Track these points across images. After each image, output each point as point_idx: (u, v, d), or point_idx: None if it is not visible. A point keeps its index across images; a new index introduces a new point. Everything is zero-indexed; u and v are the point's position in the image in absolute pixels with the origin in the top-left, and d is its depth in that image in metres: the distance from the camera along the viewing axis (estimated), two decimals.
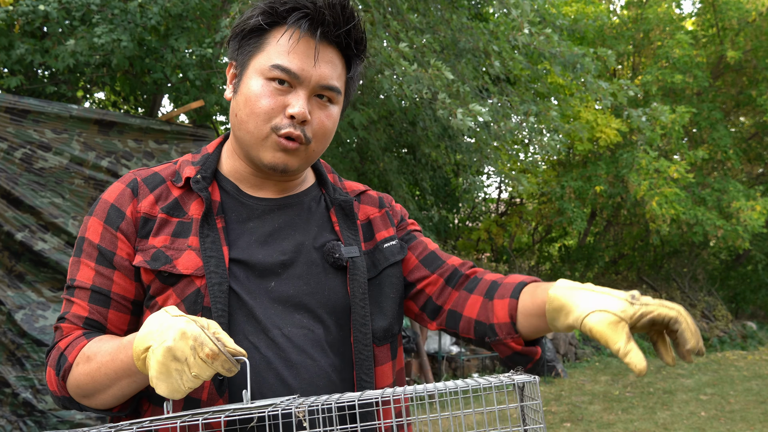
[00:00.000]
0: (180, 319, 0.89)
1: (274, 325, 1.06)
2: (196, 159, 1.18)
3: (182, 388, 0.87)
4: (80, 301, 1.08)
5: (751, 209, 9.71)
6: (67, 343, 1.06)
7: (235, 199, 1.15)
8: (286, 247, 1.12)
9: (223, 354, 0.86)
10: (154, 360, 0.86)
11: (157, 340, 0.87)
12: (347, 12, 1.08)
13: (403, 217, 1.31)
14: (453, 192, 11.46)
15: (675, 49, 10.20)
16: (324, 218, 1.19)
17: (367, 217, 1.24)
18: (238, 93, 1.11)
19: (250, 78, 1.09)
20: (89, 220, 1.12)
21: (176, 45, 4.99)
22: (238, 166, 1.17)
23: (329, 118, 1.12)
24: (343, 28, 1.08)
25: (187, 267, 1.05)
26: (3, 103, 3.82)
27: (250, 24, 1.09)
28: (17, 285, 3.89)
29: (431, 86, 4.87)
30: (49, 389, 1.09)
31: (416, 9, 6.17)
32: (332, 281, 1.13)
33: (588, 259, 12.54)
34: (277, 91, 1.07)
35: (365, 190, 1.30)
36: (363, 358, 1.11)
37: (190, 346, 0.85)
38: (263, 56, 1.08)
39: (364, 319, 1.12)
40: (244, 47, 1.11)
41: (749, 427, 5.85)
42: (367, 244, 1.20)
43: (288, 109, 1.07)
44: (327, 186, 1.23)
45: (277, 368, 1.04)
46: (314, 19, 1.06)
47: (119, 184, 1.13)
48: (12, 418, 3.79)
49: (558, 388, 7.37)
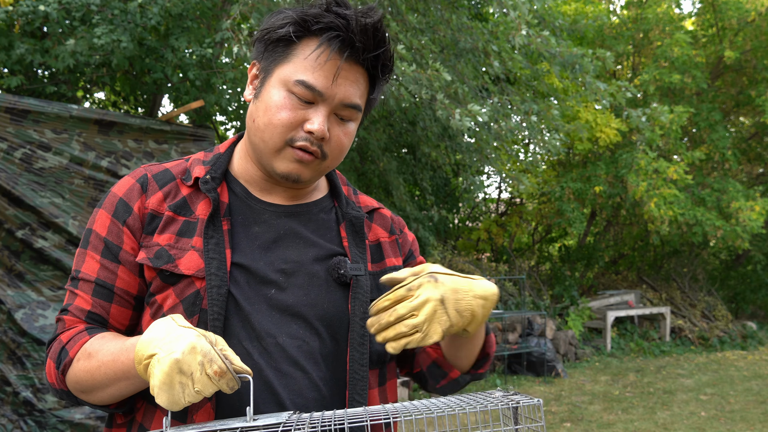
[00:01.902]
0: (190, 332, 0.88)
1: (268, 334, 1.05)
2: (208, 158, 1.17)
3: (182, 402, 0.86)
4: (83, 293, 1.08)
5: (751, 210, 9.71)
6: (69, 337, 1.05)
7: (243, 202, 1.14)
8: (290, 256, 1.11)
9: (230, 372, 0.86)
10: (159, 369, 0.85)
11: (164, 350, 0.86)
12: (378, 36, 1.06)
13: (413, 251, 1.29)
14: (453, 192, 11.46)
15: (674, 49, 10.20)
16: (333, 231, 1.18)
17: (377, 238, 1.22)
18: (259, 99, 1.10)
19: (273, 87, 1.08)
20: (98, 212, 1.12)
21: (176, 45, 4.99)
22: (250, 169, 1.16)
23: (347, 135, 1.12)
24: (372, 53, 1.07)
25: (189, 267, 1.05)
26: (3, 103, 3.82)
27: (280, 33, 1.07)
28: (17, 284, 3.89)
29: (429, 88, 4.87)
30: (48, 381, 1.08)
31: (416, 9, 6.17)
32: (333, 296, 1.11)
33: (588, 259, 12.54)
34: (299, 104, 1.06)
35: (379, 207, 1.28)
36: (358, 378, 1.09)
37: (198, 361, 0.85)
38: (289, 67, 1.07)
39: (363, 338, 1.10)
40: (270, 52, 1.10)
41: (749, 427, 5.85)
42: (375, 266, 1.18)
43: (307, 124, 1.06)
44: (340, 198, 1.22)
45: (267, 377, 1.03)
46: (345, 40, 1.05)
47: (129, 179, 1.13)
48: (13, 417, 3.79)
49: (558, 388, 7.37)
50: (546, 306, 10.11)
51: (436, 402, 0.89)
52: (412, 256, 1.29)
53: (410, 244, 1.29)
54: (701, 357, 9.88)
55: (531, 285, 11.07)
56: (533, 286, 11.15)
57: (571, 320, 9.77)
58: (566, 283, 11.30)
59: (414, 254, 1.29)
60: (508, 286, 10.22)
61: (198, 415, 1.00)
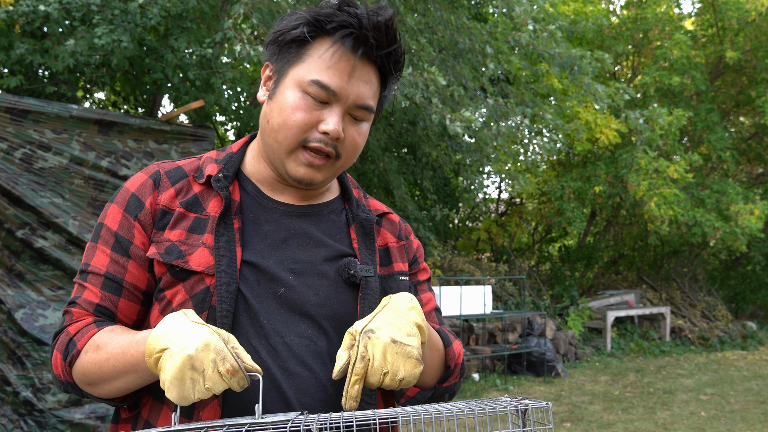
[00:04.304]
0: (204, 329, 0.88)
1: (276, 332, 1.05)
2: (220, 157, 1.18)
3: (192, 398, 0.86)
4: (92, 287, 1.09)
5: (750, 213, 9.72)
6: (77, 329, 1.06)
7: (254, 201, 1.15)
8: (300, 256, 1.11)
9: (242, 371, 0.86)
10: (171, 364, 0.85)
11: (177, 345, 0.86)
12: (391, 33, 1.07)
13: (417, 257, 1.30)
14: (453, 192, 11.47)
15: (673, 50, 10.21)
16: (343, 233, 1.18)
17: (385, 243, 1.23)
18: (273, 100, 1.10)
19: (288, 87, 1.08)
20: (109, 207, 1.12)
21: (176, 45, 4.99)
22: (262, 169, 1.17)
23: (360, 135, 1.13)
24: (385, 50, 1.08)
25: (199, 264, 1.05)
26: (3, 103, 3.82)
27: (293, 34, 1.08)
28: (17, 284, 3.89)
29: (425, 91, 4.88)
30: (54, 373, 1.09)
31: (415, 9, 6.17)
32: (342, 296, 1.11)
33: (588, 259, 12.55)
34: (313, 105, 1.07)
35: (387, 212, 1.29)
36: None
37: (211, 358, 0.85)
38: (303, 68, 1.07)
39: None
40: (284, 54, 1.10)
41: (749, 427, 5.85)
42: (383, 269, 1.19)
43: (322, 125, 1.07)
44: (351, 201, 1.22)
45: (273, 375, 1.04)
46: (358, 38, 1.05)
47: (142, 175, 1.14)
48: (13, 416, 3.79)
49: (558, 388, 7.38)
50: (546, 306, 10.12)
51: (445, 406, 0.88)
52: (416, 262, 1.29)
53: (415, 251, 1.30)
54: (701, 357, 9.88)
55: (531, 285, 11.08)
56: (533, 286, 11.16)
57: (571, 320, 9.77)
58: (566, 283, 11.30)
59: (418, 260, 1.30)
60: (508, 286, 10.22)
61: (205, 411, 1.01)
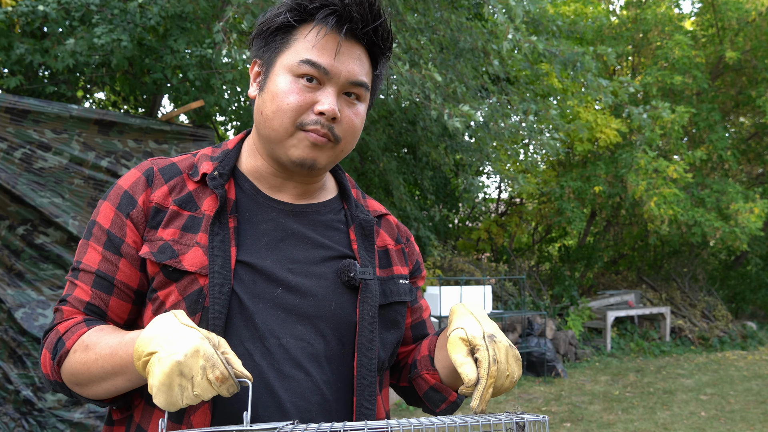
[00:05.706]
0: (194, 333, 0.86)
1: (272, 334, 1.03)
2: (216, 154, 1.15)
3: (180, 404, 0.84)
4: (83, 284, 1.07)
5: (749, 212, 9.71)
6: (67, 328, 1.04)
7: (251, 199, 1.12)
8: (297, 256, 1.09)
9: (231, 378, 0.84)
10: (159, 369, 0.83)
11: (166, 350, 0.84)
12: (374, 9, 1.06)
13: (419, 264, 1.29)
14: (453, 192, 11.47)
15: (675, 50, 10.20)
16: (342, 234, 1.16)
17: (384, 245, 1.21)
18: (265, 91, 1.08)
19: (278, 75, 1.06)
20: (102, 204, 1.10)
21: (175, 46, 4.99)
22: (259, 165, 1.14)
23: (357, 116, 1.10)
24: (371, 25, 1.06)
25: (193, 264, 1.02)
26: (3, 103, 3.83)
27: (277, 22, 1.07)
28: (17, 283, 3.90)
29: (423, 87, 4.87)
30: (43, 372, 1.06)
31: (415, 9, 6.17)
32: (341, 298, 1.09)
33: (588, 259, 12.54)
34: (306, 88, 1.05)
35: (386, 214, 1.27)
36: (366, 384, 1.07)
37: (200, 365, 0.83)
38: (290, 53, 1.06)
39: (371, 343, 1.08)
40: (270, 45, 1.09)
41: (749, 427, 5.85)
42: (382, 272, 1.17)
43: (317, 106, 1.04)
44: (349, 201, 1.20)
45: (268, 379, 1.01)
46: (342, 15, 1.04)
47: (135, 172, 1.12)
48: (15, 415, 3.80)
49: (558, 388, 7.38)
50: (546, 306, 10.11)
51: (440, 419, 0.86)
52: (419, 270, 1.28)
53: (417, 256, 1.29)
54: (701, 357, 9.88)
55: (531, 285, 11.07)
56: (533, 286, 11.15)
57: (571, 320, 9.77)
58: (566, 283, 11.30)
59: (420, 267, 1.29)
60: (508, 286, 10.22)
61: (195, 416, 0.99)
